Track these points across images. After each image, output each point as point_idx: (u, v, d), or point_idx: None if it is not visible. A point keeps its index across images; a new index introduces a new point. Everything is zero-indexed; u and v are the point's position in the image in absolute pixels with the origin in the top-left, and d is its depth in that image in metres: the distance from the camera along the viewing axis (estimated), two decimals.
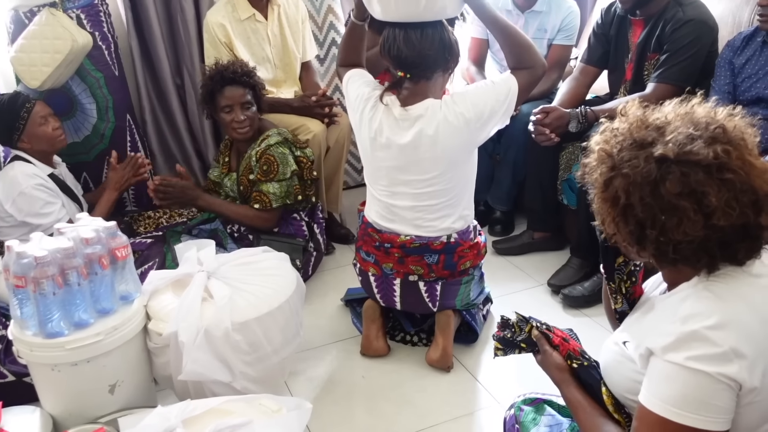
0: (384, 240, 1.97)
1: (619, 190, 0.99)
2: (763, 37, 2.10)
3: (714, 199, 0.92)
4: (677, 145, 0.95)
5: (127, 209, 2.81)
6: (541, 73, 1.84)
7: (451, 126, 1.78)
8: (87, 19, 2.52)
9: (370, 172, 2.00)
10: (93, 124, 2.66)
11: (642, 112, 1.04)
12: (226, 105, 2.34)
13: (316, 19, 3.05)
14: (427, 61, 1.78)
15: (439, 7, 1.75)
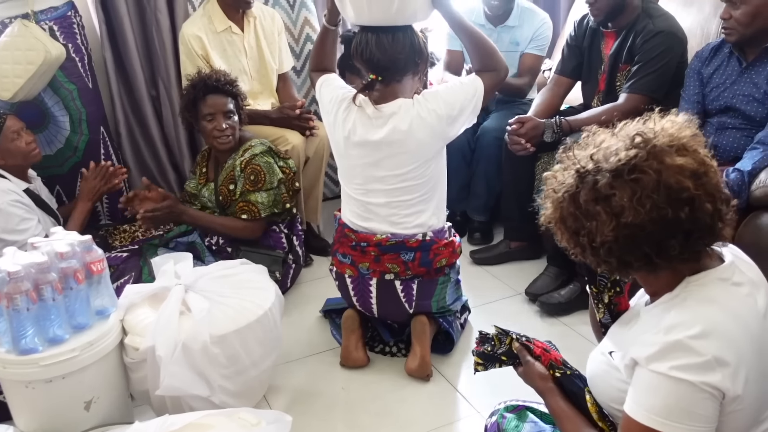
0: (360, 239, 2.00)
1: (555, 206, 1.07)
2: (730, 48, 2.15)
3: (622, 198, 0.98)
4: (593, 160, 1.04)
5: (101, 223, 2.77)
6: (504, 75, 1.95)
7: (424, 122, 1.86)
8: (60, 30, 2.49)
9: (344, 172, 2.04)
10: (66, 137, 2.62)
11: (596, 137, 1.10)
12: (209, 113, 2.34)
13: (293, 31, 3.05)
14: (398, 65, 1.86)
15: (410, 12, 1.82)
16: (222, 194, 2.42)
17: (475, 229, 2.94)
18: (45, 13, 2.46)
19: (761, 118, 2.07)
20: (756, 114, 2.08)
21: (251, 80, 2.80)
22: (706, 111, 2.21)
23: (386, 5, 1.76)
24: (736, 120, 2.13)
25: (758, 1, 1.99)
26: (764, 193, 1.86)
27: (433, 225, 2.01)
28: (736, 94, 2.12)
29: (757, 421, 1.03)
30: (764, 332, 1.02)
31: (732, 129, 2.13)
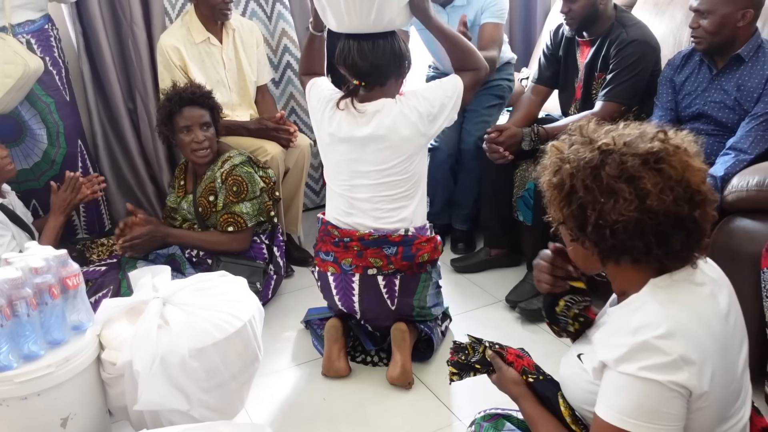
0: (344, 235, 2.04)
1: (564, 176, 1.06)
2: (700, 56, 2.19)
3: (649, 184, 0.99)
4: (618, 139, 1.04)
5: (78, 237, 2.74)
6: (484, 74, 2.02)
7: (406, 118, 1.93)
8: (37, 44, 2.47)
9: (329, 168, 2.09)
10: (43, 150, 2.59)
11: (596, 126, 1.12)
12: (185, 126, 2.33)
13: (271, 42, 3.06)
14: (380, 70, 1.93)
15: (388, 20, 1.87)
16: (201, 206, 2.41)
17: (458, 239, 2.96)
18: (22, 26, 2.44)
19: (732, 125, 2.11)
20: (728, 120, 2.12)
21: (230, 92, 2.80)
22: (680, 118, 2.25)
23: (364, 14, 1.82)
24: (709, 126, 2.16)
25: (724, 11, 2.03)
26: (737, 197, 1.89)
27: (415, 221, 2.06)
28: (707, 101, 2.16)
29: (723, 418, 1.05)
30: (727, 331, 1.05)
31: (705, 135, 2.16)
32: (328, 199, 2.13)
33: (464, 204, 2.91)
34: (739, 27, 2.05)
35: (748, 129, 2.02)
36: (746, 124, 2.04)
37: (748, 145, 2.00)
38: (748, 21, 2.05)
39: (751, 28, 2.09)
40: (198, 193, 2.43)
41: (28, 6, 2.43)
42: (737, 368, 1.07)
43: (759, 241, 1.80)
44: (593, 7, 2.36)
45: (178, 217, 2.51)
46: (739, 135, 2.03)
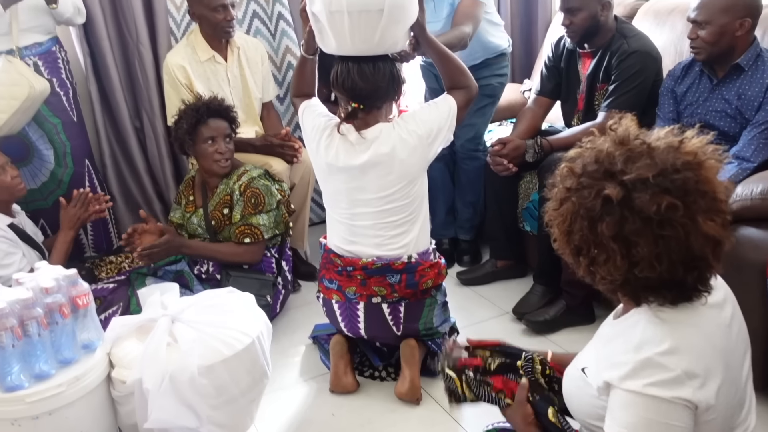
0: (346, 264, 2.02)
1: (566, 213, 1.04)
2: (700, 66, 2.20)
3: (644, 250, 0.95)
4: (627, 188, 0.97)
5: (87, 255, 2.77)
6: (475, 93, 2.02)
7: (406, 143, 1.91)
8: (44, 66, 2.51)
9: (329, 197, 2.07)
10: (50, 170, 2.62)
11: (630, 132, 1.05)
12: (210, 136, 2.37)
13: (275, 59, 3.09)
14: (379, 93, 1.92)
15: (391, 42, 1.86)
16: (215, 219, 2.44)
17: (464, 252, 2.96)
18: (30, 48, 2.47)
19: (735, 133, 2.12)
20: (730, 129, 2.13)
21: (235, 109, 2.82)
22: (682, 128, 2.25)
23: (368, 36, 1.80)
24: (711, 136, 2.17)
25: (722, 21, 2.04)
26: (742, 206, 1.89)
27: (418, 246, 2.03)
28: (709, 110, 2.17)
29: (729, 428, 1.06)
30: (730, 342, 1.05)
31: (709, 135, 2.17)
32: (328, 225, 2.11)
33: (464, 208, 2.92)
34: (738, 36, 2.06)
35: (750, 137, 2.03)
36: (748, 132, 2.05)
37: (750, 154, 2.00)
38: (746, 30, 2.06)
39: (749, 37, 2.10)
40: (211, 206, 2.45)
41: (36, 29, 2.47)
42: (741, 379, 1.07)
43: (765, 250, 1.80)
44: (594, 19, 2.38)
45: (184, 233, 2.53)
46: (741, 144, 2.04)
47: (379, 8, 1.74)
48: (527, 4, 3.60)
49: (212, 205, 2.45)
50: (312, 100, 2.09)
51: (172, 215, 2.60)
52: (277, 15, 3.01)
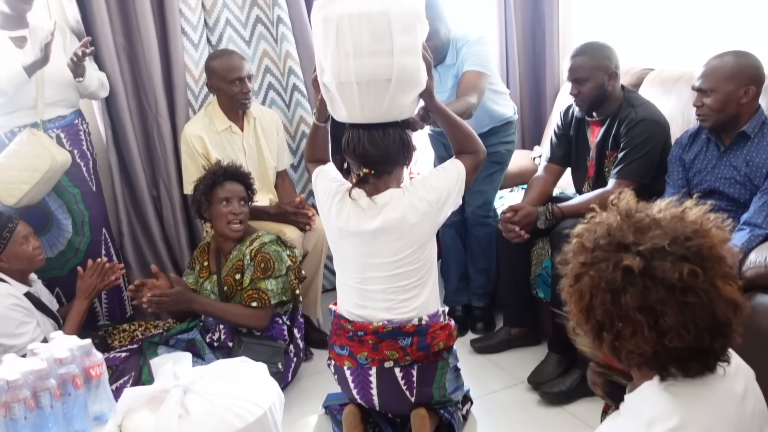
0: (357, 328, 2.01)
1: (584, 288, 1.02)
2: (707, 133, 2.23)
3: (671, 319, 0.94)
4: (646, 258, 0.97)
5: (100, 323, 2.77)
6: (483, 157, 2.03)
7: (416, 209, 1.93)
8: (66, 138, 2.59)
9: (340, 261, 2.08)
10: (68, 239, 2.67)
11: (632, 206, 1.06)
12: (225, 197, 2.44)
13: (289, 129, 3.17)
14: (390, 158, 1.95)
15: (399, 110, 1.91)
16: (227, 284, 2.45)
17: (478, 319, 2.94)
18: (53, 121, 2.56)
19: (745, 200, 2.13)
20: (740, 196, 2.14)
21: None
22: (692, 195, 2.27)
23: (377, 105, 1.84)
24: (722, 202, 2.18)
25: (727, 89, 2.09)
26: (756, 273, 1.88)
27: (428, 309, 2.03)
28: (718, 177, 2.19)
29: None
30: (744, 416, 1.03)
31: (719, 211, 2.16)
32: (339, 290, 2.12)
33: (476, 275, 2.92)
34: (743, 104, 2.10)
35: (761, 204, 2.04)
36: (758, 199, 2.06)
37: (762, 220, 2.01)
38: (751, 98, 2.10)
39: (754, 105, 2.14)
40: (224, 272, 2.46)
41: (60, 103, 2.56)
42: None
43: None
44: (602, 88, 2.43)
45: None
46: (752, 210, 2.05)
47: (386, 78, 1.78)
48: (535, 73, 3.70)
49: (225, 271, 2.47)
50: (326, 166, 2.13)
51: (185, 280, 2.62)
52: (291, 86, 3.11)
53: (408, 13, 1.77)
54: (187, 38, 2.90)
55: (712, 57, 2.15)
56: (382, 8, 1.73)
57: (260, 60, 3.10)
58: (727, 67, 2.09)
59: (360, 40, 1.74)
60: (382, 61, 1.76)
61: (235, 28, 3.01)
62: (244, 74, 2.71)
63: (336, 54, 1.77)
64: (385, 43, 1.75)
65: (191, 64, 2.93)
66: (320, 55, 1.85)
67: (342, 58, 1.76)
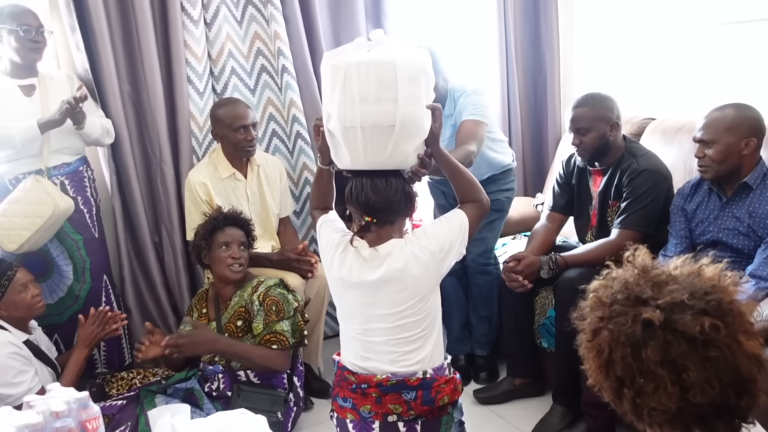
0: (360, 381, 1.96)
1: (603, 343, 1.00)
2: (708, 184, 2.24)
3: (694, 374, 0.92)
4: (666, 311, 0.95)
5: (98, 371, 2.74)
6: (487, 207, 2.02)
7: (418, 259, 1.90)
8: (71, 184, 2.61)
9: (343, 312, 2.05)
10: (68, 286, 2.66)
11: (648, 263, 1.05)
12: (225, 242, 2.44)
13: (293, 175, 3.19)
14: (392, 207, 1.93)
15: (402, 158, 1.91)
16: (228, 331, 2.43)
17: (481, 368, 2.91)
18: (58, 168, 2.58)
19: (749, 251, 2.11)
20: (744, 247, 2.13)
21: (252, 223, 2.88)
22: (695, 245, 2.26)
23: (381, 150, 1.85)
24: (726, 253, 2.16)
25: (728, 140, 2.10)
26: (764, 327, 1.85)
27: (433, 361, 2.00)
28: (721, 228, 2.18)
29: None
30: None
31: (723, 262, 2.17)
32: (342, 341, 2.09)
33: (478, 323, 2.89)
34: (744, 155, 2.11)
35: (765, 256, 2.02)
36: (762, 251, 2.04)
37: (767, 273, 1.99)
38: (752, 149, 2.11)
39: (755, 156, 2.14)
40: (224, 319, 2.44)
41: (65, 150, 2.59)
42: None
43: None
44: (603, 139, 2.45)
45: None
46: (757, 262, 2.03)
47: (390, 124, 1.81)
48: (537, 120, 3.74)
49: (225, 318, 2.44)
50: (330, 215, 2.12)
51: (182, 328, 2.59)
52: (295, 134, 3.14)
53: (413, 64, 1.82)
54: (192, 87, 2.94)
55: (713, 109, 2.17)
56: (389, 59, 1.78)
57: (264, 108, 3.14)
58: (727, 119, 2.11)
59: (366, 87, 1.78)
60: (386, 107, 1.79)
61: (240, 77, 3.06)
62: (248, 122, 2.74)
63: (342, 100, 1.80)
64: (390, 91, 1.78)
65: (196, 111, 2.97)
66: (327, 101, 1.88)
67: (348, 103, 1.80)
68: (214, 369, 2.42)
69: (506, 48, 3.56)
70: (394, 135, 1.82)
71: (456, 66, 3.39)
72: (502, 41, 3.55)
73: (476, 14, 3.56)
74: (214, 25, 2.96)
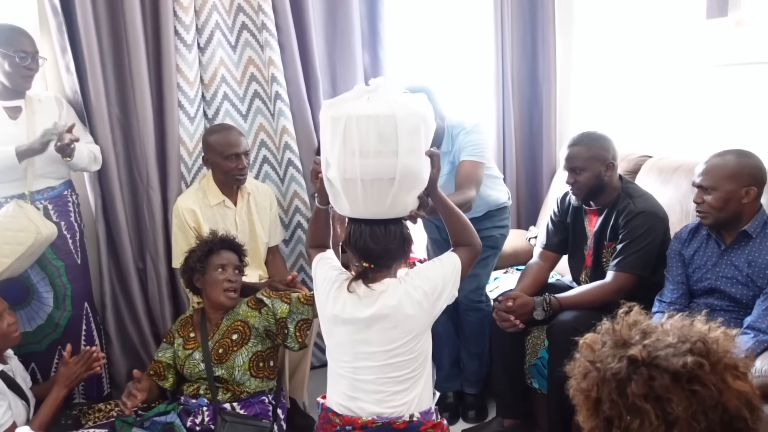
0: (345, 422, 1.94)
1: (591, 383, 1.01)
2: (707, 230, 2.20)
3: (678, 408, 0.92)
4: (649, 349, 0.97)
5: (75, 401, 2.65)
6: (479, 250, 2.04)
7: (412, 298, 1.91)
8: (54, 209, 2.54)
9: (332, 349, 2.02)
10: (48, 313, 2.57)
11: (640, 318, 1.07)
12: (221, 264, 2.41)
13: (283, 203, 3.14)
14: (390, 254, 1.95)
15: (402, 207, 1.91)
16: (223, 347, 2.36)
17: (469, 407, 2.84)
18: (41, 193, 2.51)
19: (747, 300, 2.07)
20: (742, 296, 2.09)
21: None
22: (692, 291, 2.22)
23: (381, 201, 1.86)
24: (723, 302, 2.13)
25: (728, 187, 2.06)
26: (762, 383, 1.81)
27: (421, 405, 1.96)
28: (718, 276, 2.14)
29: None
30: None
31: (720, 311, 2.12)
32: (329, 380, 2.06)
33: (469, 361, 2.84)
34: (744, 204, 2.07)
35: (764, 307, 1.98)
36: (761, 302, 2.00)
37: (767, 325, 1.95)
38: (752, 198, 2.07)
39: (756, 205, 2.11)
40: (212, 342, 2.38)
41: (50, 174, 2.52)
42: None
43: None
44: (598, 179, 2.41)
45: (170, 376, 2.43)
46: (756, 314, 1.99)
47: (390, 177, 1.81)
48: (532, 153, 3.72)
49: (214, 341, 2.37)
50: (326, 253, 2.13)
51: (162, 355, 2.48)
52: (287, 161, 3.09)
53: (413, 116, 1.81)
54: (183, 111, 2.89)
55: (714, 155, 2.13)
56: (389, 112, 1.77)
57: (256, 134, 3.09)
58: (728, 166, 2.07)
59: (367, 141, 1.78)
60: (387, 161, 1.79)
61: (232, 102, 3.01)
62: (241, 150, 2.69)
63: (342, 152, 1.80)
64: (391, 144, 1.78)
65: (186, 137, 2.91)
66: (326, 151, 1.87)
67: (348, 156, 1.79)
68: (198, 402, 2.35)
69: (503, 79, 3.55)
70: (394, 187, 1.82)
71: (453, 99, 3.37)
72: (499, 73, 3.53)
73: (473, 46, 3.55)
74: (207, 49, 2.92)
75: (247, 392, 2.39)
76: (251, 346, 2.39)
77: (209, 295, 2.42)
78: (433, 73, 3.49)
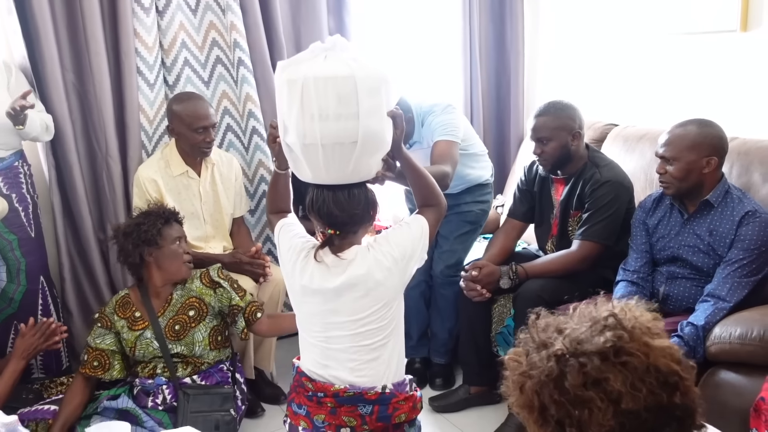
0: (317, 389, 1.91)
1: (530, 393, 1.00)
2: (670, 199, 2.22)
3: (617, 383, 0.93)
4: (570, 339, 0.99)
5: (34, 376, 2.59)
6: (444, 210, 2.00)
7: (381, 265, 1.87)
8: (4, 181, 2.43)
9: (302, 319, 1.99)
10: (2, 288, 2.49)
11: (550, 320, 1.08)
12: (178, 236, 2.37)
13: (248, 172, 3.07)
14: (354, 219, 1.90)
15: (365, 172, 1.86)
16: (179, 324, 2.32)
17: (436, 374, 2.86)
18: None
19: (708, 269, 2.10)
20: (703, 265, 2.12)
21: (204, 224, 2.77)
22: (655, 260, 2.25)
23: (343, 166, 1.80)
24: (685, 270, 2.16)
25: (689, 158, 2.07)
26: (720, 349, 1.85)
27: (395, 375, 1.95)
28: (681, 244, 2.16)
29: None
30: None
31: (682, 279, 2.16)
32: (301, 348, 2.03)
33: (440, 333, 2.85)
34: (705, 173, 2.09)
35: (724, 276, 2.01)
36: (722, 270, 2.03)
37: (726, 293, 1.98)
38: (713, 168, 2.08)
39: (717, 174, 2.12)
40: (165, 319, 2.32)
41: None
42: None
43: (747, 397, 1.74)
44: (565, 148, 2.41)
45: (116, 363, 2.32)
46: (716, 282, 2.02)
47: (352, 140, 1.75)
48: (499, 121, 3.70)
49: (168, 317, 2.32)
50: (288, 218, 2.06)
51: (100, 342, 2.32)
52: (251, 129, 3.02)
53: (373, 76, 1.74)
54: (142, 78, 2.78)
55: (676, 125, 2.14)
56: (348, 72, 1.70)
57: (219, 101, 3.00)
58: (689, 137, 2.08)
59: (326, 104, 1.70)
60: (347, 124, 1.72)
61: (194, 68, 2.92)
62: (209, 123, 2.62)
63: (301, 116, 1.72)
64: (351, 106, 1.71)
65: (146, 104, 2.81)
66: (284, 115, 1.79)
67: (307, 120, 1.72)
68: (156, 381, 2.31)
69: (470, 47, 3.50)
70: (356, 151, 1.76)
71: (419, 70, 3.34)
72: (467, 41, 3.49)
73: (441, 12, 3.49)
74: (166, 13, 2.80)
75: (208, 363, 2.38)
76: (208, 322, 2.37)
77: (167, 268, 2.34)
78: (399, 39, 3.43)
